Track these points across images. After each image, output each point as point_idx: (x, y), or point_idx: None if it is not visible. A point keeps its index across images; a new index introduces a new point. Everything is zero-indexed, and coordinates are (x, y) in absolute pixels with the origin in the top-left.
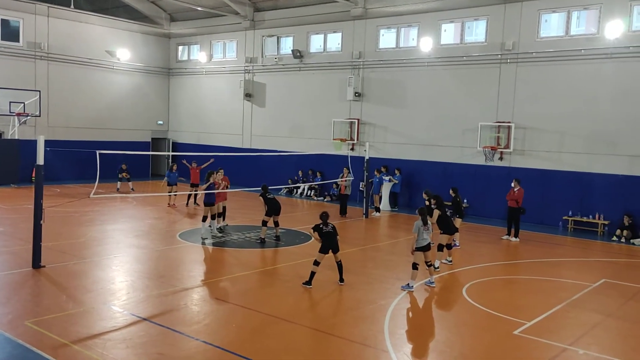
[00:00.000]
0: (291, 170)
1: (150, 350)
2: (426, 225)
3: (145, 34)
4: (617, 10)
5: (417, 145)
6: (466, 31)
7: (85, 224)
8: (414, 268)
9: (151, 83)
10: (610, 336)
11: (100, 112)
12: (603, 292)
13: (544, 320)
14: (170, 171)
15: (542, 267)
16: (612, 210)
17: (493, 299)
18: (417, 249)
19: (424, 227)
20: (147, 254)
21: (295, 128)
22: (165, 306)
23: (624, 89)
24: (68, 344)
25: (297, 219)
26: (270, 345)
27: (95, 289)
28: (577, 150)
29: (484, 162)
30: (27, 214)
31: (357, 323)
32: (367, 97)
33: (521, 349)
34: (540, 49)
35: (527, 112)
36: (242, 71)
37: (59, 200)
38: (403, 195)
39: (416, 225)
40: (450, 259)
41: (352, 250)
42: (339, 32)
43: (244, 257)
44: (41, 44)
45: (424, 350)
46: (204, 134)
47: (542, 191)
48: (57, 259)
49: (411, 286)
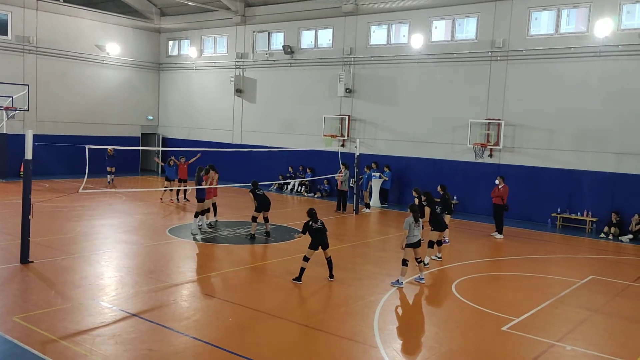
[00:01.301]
0: (281, 166)
1: (140, 346)
2: (417, 222)
3: (136, 29)
4: (606, 9)
5: (407, 141)
6: (457, 28)
7: (74, 219)
8: (404, 264)
9: (141, 78)
10: (598, 332)
11: (89, 107)
12: (591, 288)
13: (532, 316)
14: (169, 165)
15: (530, 263)
16: (600, 208)
17: (482, 295)
18: (407, 246)
19: (415, 224)
20: (137, 249)
21: (285, 124)
22: (154, 302)
23: (613, 87)
24: (56, 339)
25: (287, 215)
26: (260, 341)
27: (83, 285)
28: (566, 148)
29: (474, 159)
30: (16, 209)
31: (346, 319)
32: (357, 94)
33: (509, 345)
34: (530, 46)
35: (517, 110)
36: (233, 67)
37: (47, 195)
38: (393, 191)
39: (407, 222)
40: (439, 256)
41: (342, 246)
42: (330, 28)
43: (233, 253)
44: (30, 38)
45: (414, 346)
46: (194, 130)
47: (530, 188)
48: (45, 254)
49: (401, 282)
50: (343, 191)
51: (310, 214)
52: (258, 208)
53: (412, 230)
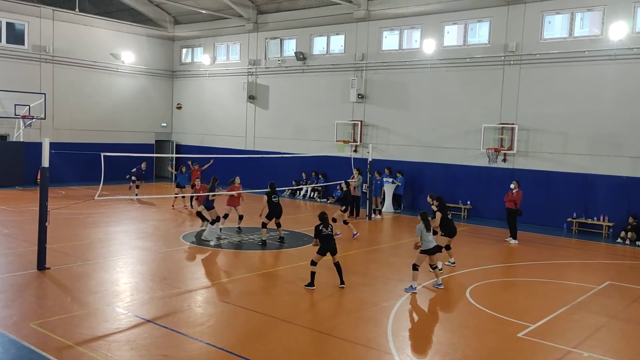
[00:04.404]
0: (294, 172)
1: (154, 352)
2: (429, 230)
3: (150, 37)
4: (620, 12)
5: (420, 146)
6: (469, 33)
7: (90, 226)
8: (414, 269)
9: (155, 85)
10: (615, 338)
11: (104, 115)
12: (607, 294)
13: (548, 322)
14: (181, 173)
15: (546, 269)
16: (617, 212)
17: (497, 301)
18: (423, 252)
19: (427, 231)
20: (151, 255)
21: (298, 130)
22: (168, 308)
23: (628, 90)
24: (72, 345)
25: (300, 220)
26: (273, 347)
27: (99, 291)
28: (580, 152)
29: (487, 163)
30: (32, 216)
31: (360, 325)
32: (370, 99)
33: (525, 351)
34: (543, 50)
35: (531, 114)
36: (246, 73)
37: (63, 203)
38: (406, 197)
39: (418, 229)
40: (452, 261)
41: (355, 252)
42: (341, 34)
43: (246, 259)
44: (46, 47)
45: (427, 353)
46: (207, 136)
47: (545, 193)
48: (61, 260)
49: (414, 288)
50: (356, 196)
51: (321, 218)
52: (269, 215)
53: (425, 236)
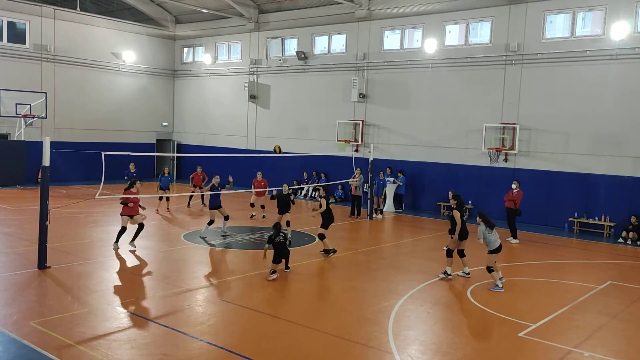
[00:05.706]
0: (295, 172)
1: (155, 351)
2: (492, 229)
3: (151, 36)
4: (622, 11)
5: (421, 146)
6: (471, 32)
7: (91, 224)
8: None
9: (156, 85)
10: (616, 338)
11: (105, 114)
12: (609, 294)
13: (549, 322)
14: (162, 175)
15: (547, 269)
16: (618, 212)
17: (498, 301)
18: (491, 252)
19: (488, 231)
20: (152, 255)
21: (299, 129)
22: (169, 307)
23: (629, 90)
24: (73, 344)
25: (301, 220)
26: (274, 347)
27: (100, 290)
28: (582, 152)
29: (489, 163)
30: (33, 215)
31: (361, 324)
32: (371, 99)
33: (526, 351)
34: (545, 50)
35: (532, 113)
36: (247, 73)
37: (64, 202)
38: (407, 196)
39: (480, 231)
40: (467, 271)
41: (356, 252)
42: (343, 33)
43: (247, 258)
44: (47, 46)
45: (428, 352)
46: (208, 136)
47: (547, 193)
48: (62, 259)
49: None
50: (357, 196)
51: (274, 228)
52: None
53: (487, 237)
